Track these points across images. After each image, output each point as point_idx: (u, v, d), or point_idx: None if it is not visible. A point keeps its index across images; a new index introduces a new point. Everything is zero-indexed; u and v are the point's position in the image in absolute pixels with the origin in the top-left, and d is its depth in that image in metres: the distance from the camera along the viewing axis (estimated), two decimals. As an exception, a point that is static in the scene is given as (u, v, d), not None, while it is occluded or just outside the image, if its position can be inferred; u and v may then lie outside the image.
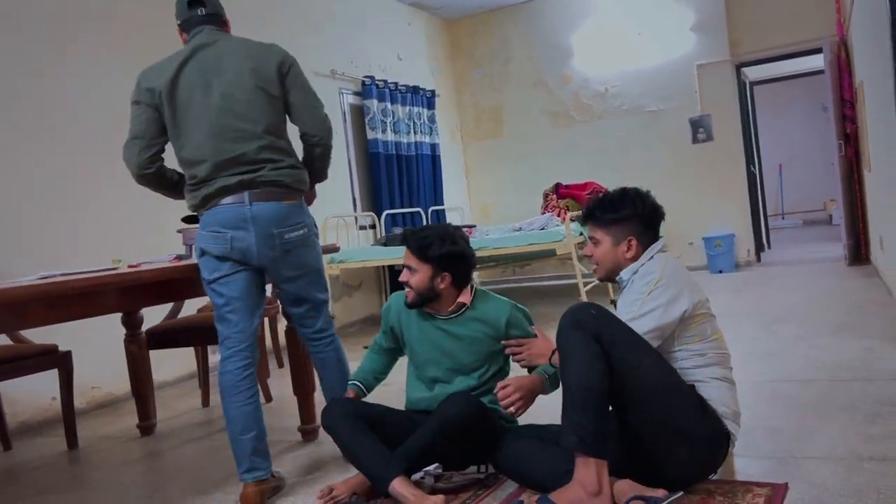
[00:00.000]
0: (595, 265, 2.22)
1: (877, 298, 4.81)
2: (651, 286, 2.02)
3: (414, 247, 2.34)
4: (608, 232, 2.16)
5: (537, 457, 2.13)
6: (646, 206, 2.15)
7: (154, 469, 3.07)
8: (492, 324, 2.39)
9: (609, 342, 1.91)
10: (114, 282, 2.55)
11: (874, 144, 5.14)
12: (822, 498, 1.95)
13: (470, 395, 2.28)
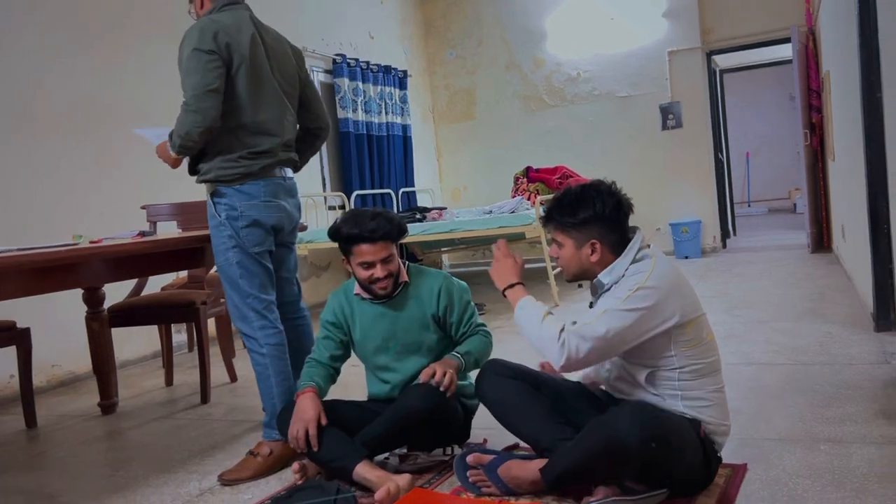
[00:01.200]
0: (561, 268, 2.07)
1: (837, 285, 4.91)
2: (635, 287, 1.85)
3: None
4: (569, 235, 1.99)
5: (519, 404, 2.09)
6: (607, 206, 1.94)
7: (116, 448, 3.03)
8: (426, 297, 2.37)
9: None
10: (73, 257, 2.50)
11: (839, 134, 5.22)
12: (780, 478, 1.99)
13: (431, 387, 2.22)
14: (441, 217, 6.39)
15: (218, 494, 2.32)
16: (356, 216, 2.31)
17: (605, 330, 1.81)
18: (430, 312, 2.37)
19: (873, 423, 2.33)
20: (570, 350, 1.82)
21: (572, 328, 1.85)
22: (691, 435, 1.83)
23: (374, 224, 2.26)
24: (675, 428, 1.78)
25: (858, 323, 3.74)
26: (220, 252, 2.51)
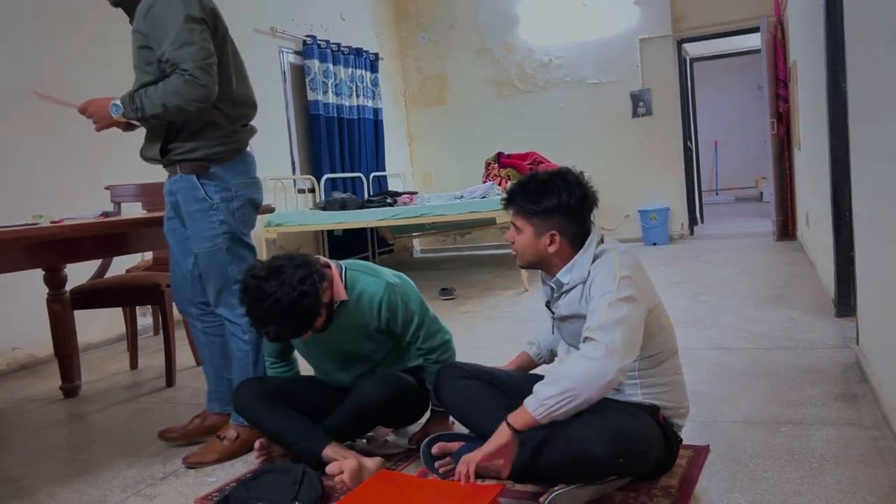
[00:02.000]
0: (515, 253, 1.99)
1: (801, 272, 4.99)
2: (616, 278, 1.79)
3: None
4: (529, 222, 1.92)
5: (478, 404, 2.07)
6: (573, 197, 1.88)
7: (78, 431, 2.98)
8: (367, 310, 2.19)
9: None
10: (32, 236, 2.44)
11: (805, 124, 5.30)
12: (741, 459, 2.02)
13: (385, 377, 2.18)
14: (412, 202, 6.37)
15: (182, 477, 2.29)
16: (252, 308, 2.01)
17: (621, 315, 1.72)
18: (372, 326, 2.21)
19: (832, 405, 2.38)
20: (607, 342, 1.68)
21: (591, 330, 1.73)
22: (654, 432, 1.83)
23: (276, 330, 2.01)
24: (641, 436, 1.76)
25: (821, 309, 3.81)
26: (207, 238, 2.35)
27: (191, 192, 2.35)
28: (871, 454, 1.97)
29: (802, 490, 1.80)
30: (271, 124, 6.40)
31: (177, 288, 2.58)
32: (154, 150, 2.39)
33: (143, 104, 2.23)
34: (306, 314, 2.02)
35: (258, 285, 1.99)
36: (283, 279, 1.99)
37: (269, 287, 1.98)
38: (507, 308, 4.79)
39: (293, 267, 2.02)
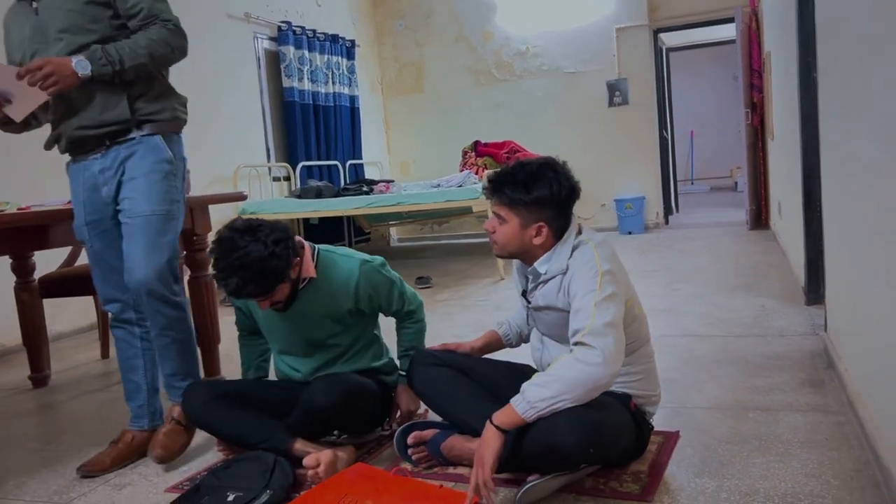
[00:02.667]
0: (495, 242, 1.93)
1: (773, 261, 5.06)
2: (597, 273, 1.78)
3: None
4: (516, 212, 1.86)
5: (450, 391, 2.06)
6: (563, 189, 1.85)
7: (47, 421, 2.94)
8: (339, 291, 2.17)
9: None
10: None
11: (778, 114, 5.35)
12: (710, 444, 2.05)
13: (334, 380, 2.11)
14: (388, 190, 6.35)
15: (153, 467, 2.27)
16: (220, 257, 1.97)
17: (610, 317, 1.72)
18: (345, 307, 2.19)
19: (800, 391, 2.42)
20: (601, 346, 1.68)
21: (583, 335, 1.71)
22: (625, 420, 1.84)
23: (236, 282, 1.96)
24: (612, 426, 1.76)
25: (791, 297, 3.86)
26: (164, 202, 2.22)
27: (154, 153, 2.23)
28: (836, 439, 2.01)
29: (769, 474, 1.82)
30: (246, 111, 6.33)
31: (111, 293, 2.35)
32: (117, 112, 2.19)
33: (123, 56, 2.10)
34: (271, 276, 1.99)
35: (232, 237, 1.99)
36: (258, 236, 1.98)
37: (242, 241, 1.96)
38: (483, 296, 4.81)
39: (271, 229, 2.02)
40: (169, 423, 2.32)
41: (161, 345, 2.32)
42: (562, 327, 1.94)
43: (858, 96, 1.94)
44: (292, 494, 1.90)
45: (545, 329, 2.02)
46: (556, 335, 1.99)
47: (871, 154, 1.77)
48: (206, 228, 3.05)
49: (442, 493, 1.81)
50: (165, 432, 2.29)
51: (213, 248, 2.02)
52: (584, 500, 1.77)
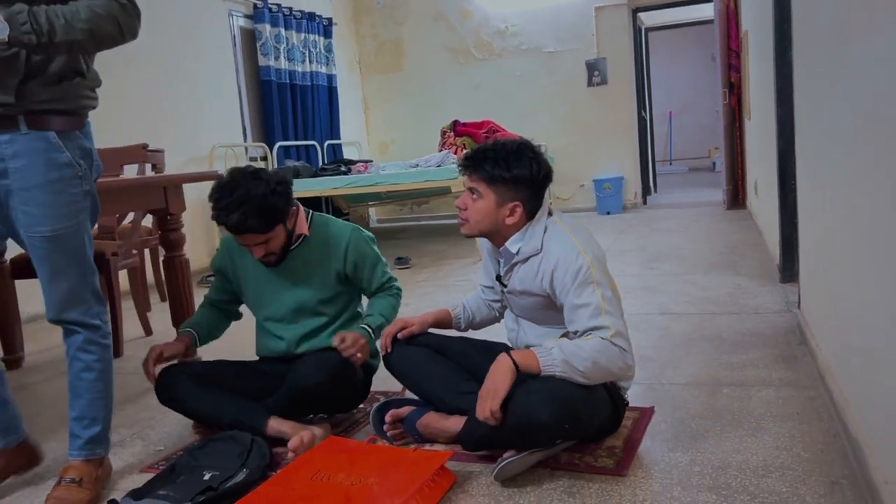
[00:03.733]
0: (465, 220, 1.92)
1: (749, 240, 5.10)
2: (586, 260, 1.80)
3: None
4: (494, 189, 1.87)
5: (426, 370, 2.07)
6: (541, 170, 1.88)
7: (21, 402, 2.86)
8: (332, 252, 2.21)
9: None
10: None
11: (755, 93, 5.38)
12: (684, 420, 2.07)
13: (322, 360, 2.10)
14: (366, 170, 6.31)
15: (128, 448, 2.26)
16: (221, 196, 2.02)
17: (620, 313, 1.82)
18: (336, 268, 2.23)
19: (773, 367, 2.45)
20: (627, 347, 1.77)
21: (608, 334, 1.74)
22: (600, 395, 1.84)
23: (238, 217, 2.00)
24: (586, 399, 1.77)
25: (766, 275, 3.91)
26: (70, 214, 1.82)
27: (47, 154, 1.77)
28: (807, 412, 2.04)
29: (741, 448, 1.85)
30: (221, 90, 6.25)
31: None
32: (3, 93, 1.73)
33: (55, 26, 1.65)
34: (271, 212, 2.04)
35: (234, 177, 2.06)
36: (259, 177, 2.06)
37: (244, 181, 2.04)
38: (461, 276, 4.81)
39: (272, 173, 2.12)
40: (64, 485, 1.88)
41: (73, 375, 1.99)
42: (538, 311, 1.95)
43: (832, 75, 1.95)
44: (268, 473, 1.90)
45: (520, 311, 2.03)
46: (532, 317, 2.00)
47: (844, 132, 1.78)
48: (180, 208, 3.02)
49: (415, 455, 1.81)
50: (56, 496, 1.85)
51: (212, 191, 2.07)
52: (559, 475, 1.79)
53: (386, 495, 1.60)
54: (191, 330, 2.31)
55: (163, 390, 2.21)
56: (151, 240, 4.17)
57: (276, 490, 1.68)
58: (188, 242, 3.11)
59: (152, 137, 4.15)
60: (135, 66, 5.23)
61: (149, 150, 3.77)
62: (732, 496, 1.61)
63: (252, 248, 2.11)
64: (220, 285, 2.37)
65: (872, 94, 1.45)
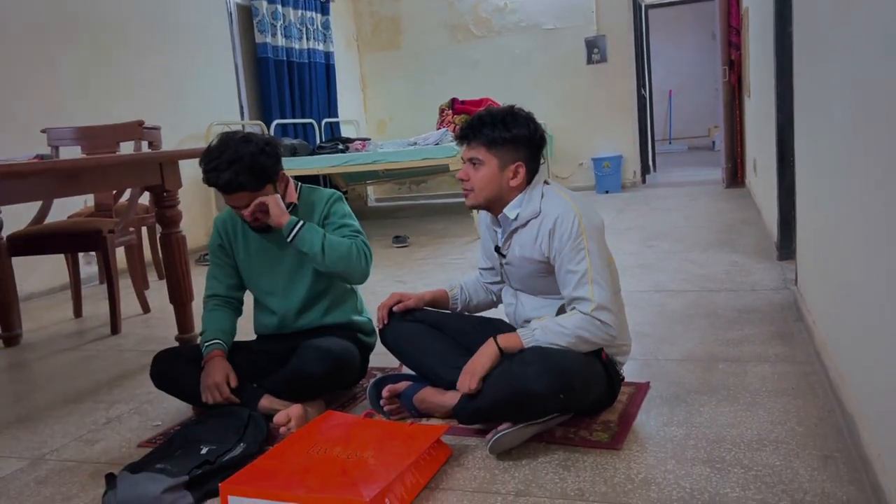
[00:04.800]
0: (469, 190, 1.92)
1: (747, 218, 5.10)
2: (580, 226, 1.82)
3: None
4: (495, 153, 1.88)
5: (422, 345, 2.07)
6: (537, 129, 1.91)
7: (19, 379, 2.92)
8: (315, 213, 2.22)
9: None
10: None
11: (754, 71, 5.34)
12: (679, 395, 2.08)
13: (323, 349, 2.09)
14: (364, 148, 6.29)
15: (126, 422, 2.27)
16: (211, 158, 2.04)
17: (607, 284, 1.82)
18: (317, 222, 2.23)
19: (769, 343, 2.46)
20: (610, 320, 1.79)
21: (591, 307, 1.78)
22: (595, 369, 1.85)
23: (228, 176, 2.01)
24: (581, 372, 1.78)
25: (764, 253, 3.90)
26: None
27: None
28: (802, 388, 2.05)
29: (736, 422, 1.86)
30: (217, 67, 6.20)
31: None
32: None
33: None
34: (261, 170, 2.05)
35: (223, 139, 2.08)
36: (248, 139, 2.08)
37: (233, 142, 2.06)
38: (458, 255, 4.81)
39: (261, 136, 2.14)
40: None
41: None
42: (538, 279, 1.95)
43: (831, 51, 1.93)
44: (265, 447, 1.91)
45: (519, 284, 2.02)
46: (530, 288, 2.00)
47: (843, 106, 1.77)
48: (177, 184, 3.00)
49: (412, 430, 1.82)
50: None
51: (203, 154, 2.07)
52: (554, 449, 1.79)
53: (382, 468, 1.61)
54: (219, 342, 2.21)
55: (157, 373, 2.21)
56: (148, 217, 4.16)
57: (272, 463, 1.68)
58: (185, 220, 3.11)
59: (148, 115, 4.13)
60: (131, 44, 5.19)
61: (145, 128, 3.74)
62: (726, 469, 1.62)
63: (242, 210, 2.10)
64: (221, 269, 2.31)
65: (872, 69, 1.44)
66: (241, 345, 2.30)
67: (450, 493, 1.63)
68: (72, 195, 2.82)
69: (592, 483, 1.62)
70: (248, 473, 1.64)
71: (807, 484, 1.53)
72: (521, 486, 1.63)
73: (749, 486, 1.54)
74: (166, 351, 2.27)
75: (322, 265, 2.11)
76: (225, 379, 2.10)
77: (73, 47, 4.75)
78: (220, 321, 2.26)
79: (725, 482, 1.57)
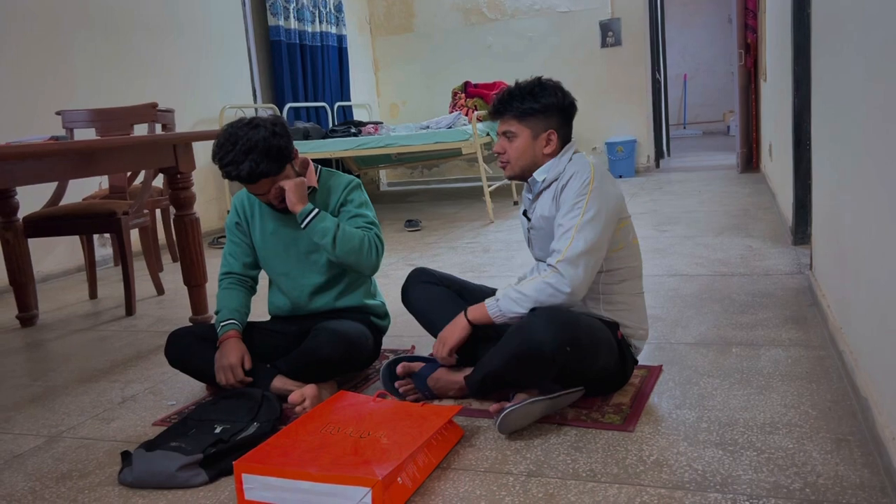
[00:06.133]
0: (506, 163, 1.98)
1: (762, 203, 5.06)
2: (588, 186, 1.85)
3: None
4: (527, 124, 1.93)
5: (444, 309, 2.08)
6: (566, 97, 1.96)
7: (35, 359, 2.95)
8: (332, 197, 2.22)
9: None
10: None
11: (771, 54, 5.28)
12: (692, 378, 2.07)
13: (337, 332, 2.09)
14: (376, 132, 6.28)
15: (141, 401, 2.29)
16: (225, 151, 2.01)
17: (587, 244, 1.81)
18: (331, 211, 2.23)
19: (782, 327, 2.44)
20: (570, 277, 1.79)
21: (558, 258, 1.81)
22: (605, 334, 1.87)
23: (248, 165, 1.99)
24: (588, 330, 1.80)
25: (778, 237, 3.88)
26: None
27: None
28: (815, 372, 2.04)
29: (748, 406, 1.85)
30: (231, 50, 6.20)
31: None
32: None
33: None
34: (278, 152, 2.04)
35: (230, 132, 2.05)
36: (254, 124, 2.05)
37: (241, 132, 2.03)
38: (471, 239, 4.80)
39: (266, 118, 2.10)
40: None
41: None
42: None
43: (850, 31, 1.90)
44: (278, 426, 1.92)
45: (540, 252, 2.04)
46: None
47: (861, 90, 1.75)
48: (190, 167, 3.01)
49: (424, 410, 1.83)
50: None
51: (214, 151, 2.05)
52: (567, 430, 1.80)
53: (394, 448, 1.62)
54: (234, 322, 2.21)
55: (171, 352, 2.22)
56: (162, 200, 4.18)
57: (285, 442, 1.70)
58: (199, 202, 3.12)
59: (162, 98, 4.14)
60: (144, 27, 5.19)
61: (158, 110, 3.75)
62: (739, 452, 1.62)
63: (266, 195, 2.10)
64: (238, 247, 2.31)
65: (892, 52, 1.42)
66: (255, 325, 2.31)
67: (462, 473, 1.64)
68: (86, 176, 2.83)
69: (604, 464, 1.62)
70: (262, 452, 1.65)
71: (820, 467, 1.52)
72: (533, 467, 1.63)
73: (762, 468, 1.54)
74: (181, 329, 2.28)
75: (332, 255, 2.12)
76: (240, 361, 2.11)
77: (88, 31, 4.76)
78: (235, 300, 2.26)
79: (738, 464, 1.56)
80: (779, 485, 1.47)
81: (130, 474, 1.72)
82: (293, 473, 1.54)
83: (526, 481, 1.58)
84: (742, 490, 1.46)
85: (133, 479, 1.71)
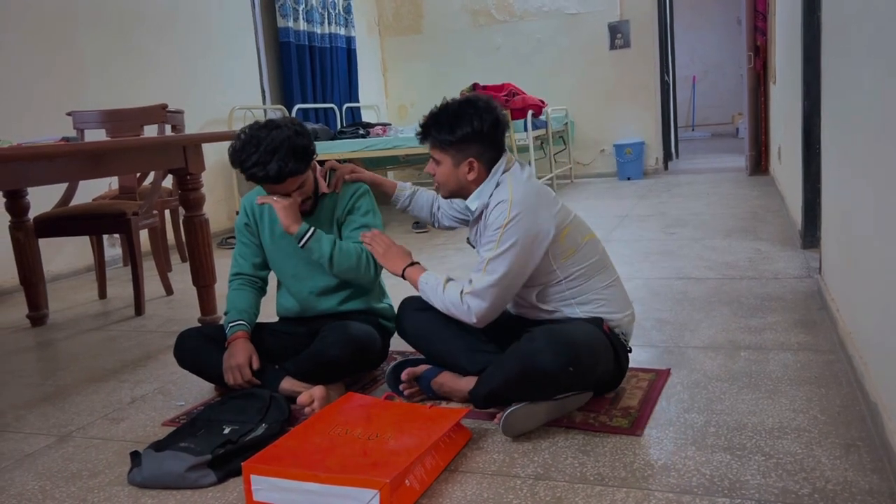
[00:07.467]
0: (437, 184, 2.02)
1: (771, 206, 5.04)
2: (506, 217, 1.85)
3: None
4: (446, 153, 1.94)
5: (441, 334, 2.08)
6: (485, 123, 1.90)
7: (45, 358, 2.97)
8: (342, 202, 2.24)
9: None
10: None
11: (780, 57, 5.26)
12: (700, 382, 2.07)
13: (345, 333, 2.10)
14: (384, 133, 6.29)
15: (150, 402, 2.30)
16: (248, 154, 2.02)
17: (495, 277, 1.86)
18: (337, 215, 2.25)
19: (791, 331, 2.44)
20: (475, 309, 1.89)
21: (468, 289, 1.90)
22: (602, 343, 1.87)
23: (276, 165, 2.01)
24: (588, 347, 1.81)
25: (787, 241, 3.86)
26: None
27: None
28: (825, 376, 2.03)
29: (757, 410, 1.85)
30: (240, 52, 6.22)
31: None
32: None
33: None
34: (303, 151, 2.07)
35: (251, 134, 2.06)
36: (274, 124, 2.07)
37: (263, 133, 2.04)
38: (479, 240, 4.80)
39: (283, 118, 2.15)
40: None
41: None
42: None
43: (860, 35, 1.90)
44: (286, 428, 1.93)
45: None
46: None
47: (872, 94, 1.74)
48: (200, 168, 3.03)
49: (432, 412, 1.84)
50: None
51: (236, 154, 2.05)
52: (574, 434, 1.80)
53: (402, 450, 1.62)
54: (242, 322, 2.21)
55: (180, 352, 2.24)
56: (172, 201, 4.19)
57: (293, 443, 1.70)
58: (208, 203, 3.13)
59: (171, 99, 4.15)
60: (153, 28, 5.22)
61: (168, 111, 3.77)
62: (747, 456, 1.61)
63: (291, 196, 2.11)
64: (247, 248, 2.31)
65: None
66: (264, 326, 2.32)
67: (469, 476, 1.64)
68: (97, 177, 2.85)
69: (612, 468, 1.62)
70: (270, 453, 1.66)
71: (829, 472, 1.52)
72: (541, 470, 1.63)
73: (770, 473, 1.53)
74: (190, 330, 2.29)
75: (330, 272, 2.17)
76: (248, 361, 2.11)
77: (97, 32, 4.79)
78: (245, 301, 2.27)
79: (746, 469, 1.56)
80: (787, 490, 1.47)
81: (140, 474, 1.73)
82: (301, 475, 1.55)
83: (533, 484, 1.58)
84: (750, 495, 1.46)
85: (142, 480, 1.72)
